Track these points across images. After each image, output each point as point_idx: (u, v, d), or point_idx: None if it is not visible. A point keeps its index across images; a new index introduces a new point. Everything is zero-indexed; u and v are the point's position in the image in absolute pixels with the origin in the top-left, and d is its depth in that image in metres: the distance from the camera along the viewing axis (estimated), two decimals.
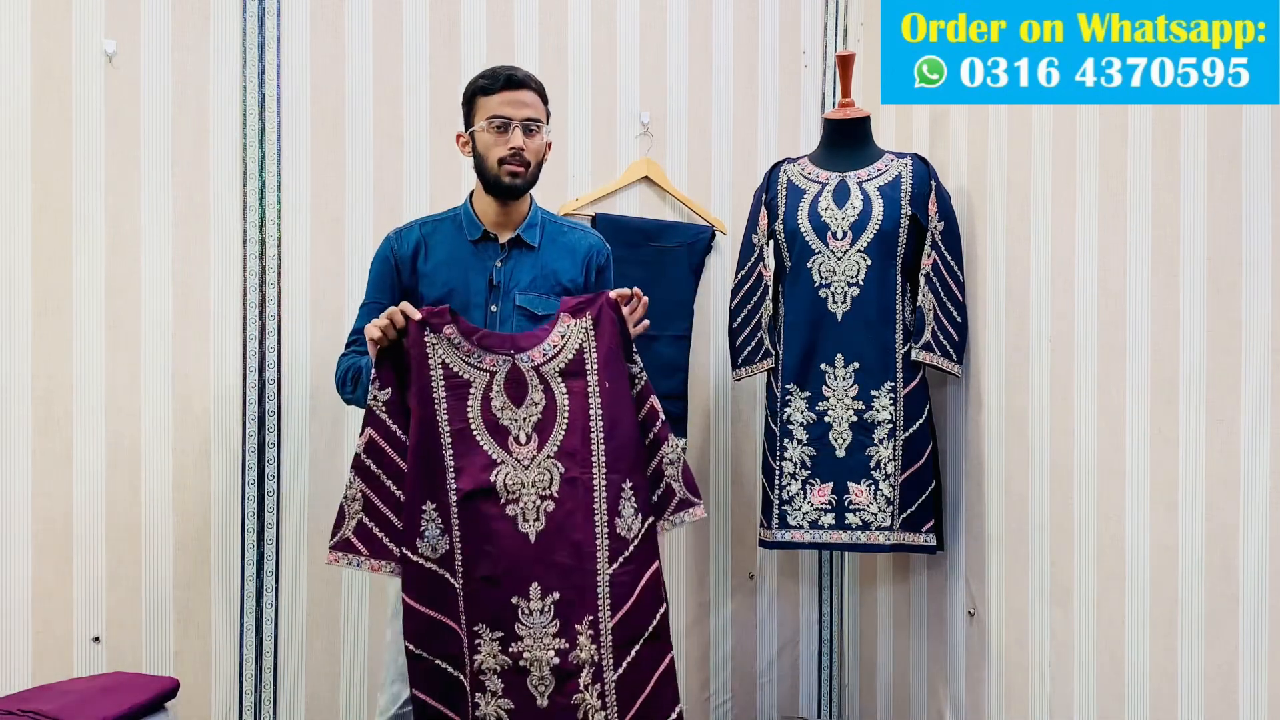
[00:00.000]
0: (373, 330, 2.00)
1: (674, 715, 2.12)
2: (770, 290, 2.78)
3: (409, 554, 2.02)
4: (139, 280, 2.55)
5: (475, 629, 2.02)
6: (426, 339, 2.02)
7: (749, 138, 3.11)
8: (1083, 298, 2.33)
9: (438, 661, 2.03)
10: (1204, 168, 2.06)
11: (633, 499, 2.09)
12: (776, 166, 2.82)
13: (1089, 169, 2.32)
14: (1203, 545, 2.06)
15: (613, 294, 2.11)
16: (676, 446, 2.15)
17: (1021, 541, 2.52)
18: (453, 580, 2.02)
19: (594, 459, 2.07)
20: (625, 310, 2.10)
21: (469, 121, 2.19)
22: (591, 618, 2.05)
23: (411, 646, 2.03)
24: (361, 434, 2.01)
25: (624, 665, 2.07)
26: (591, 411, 2.07)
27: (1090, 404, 2.31)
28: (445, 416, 2.02)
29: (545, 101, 2.20)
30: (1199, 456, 2.07)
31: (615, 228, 2.88)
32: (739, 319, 2.81)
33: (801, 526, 2.70)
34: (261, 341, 2.63)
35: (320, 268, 2.68)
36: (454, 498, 2.02)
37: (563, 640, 2.03)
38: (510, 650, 2.03)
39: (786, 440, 2.71)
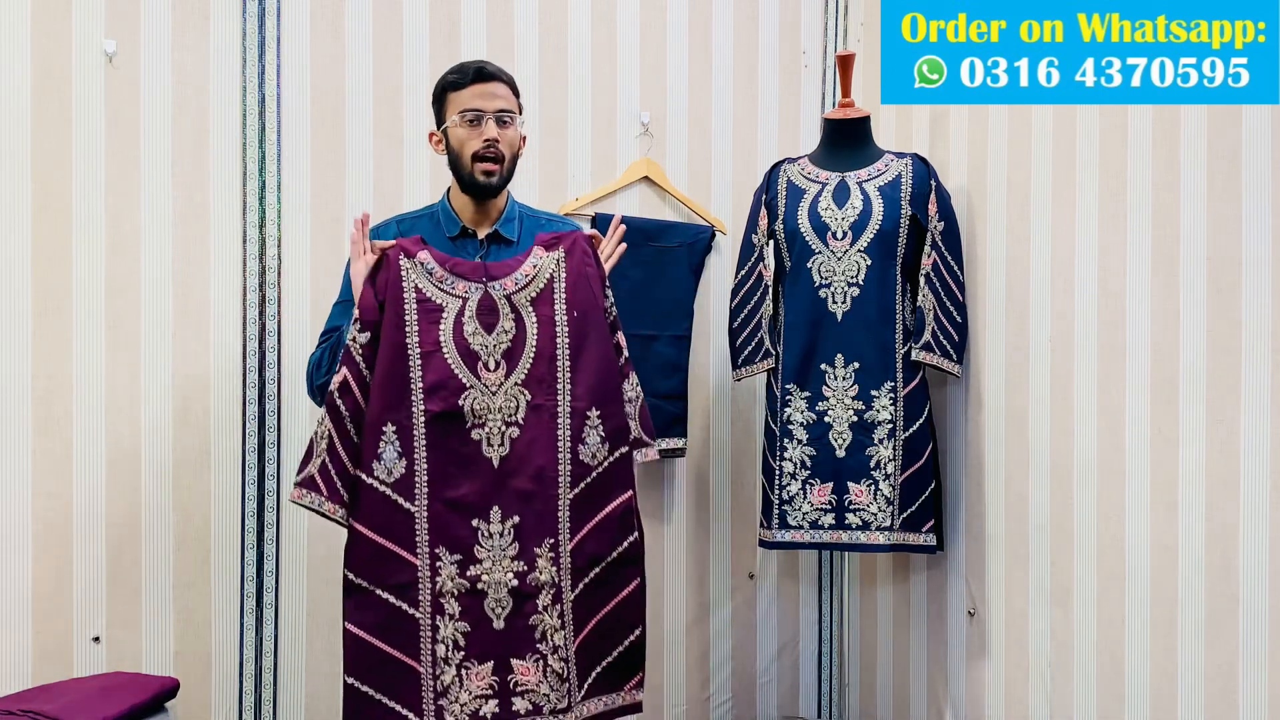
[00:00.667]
0: (360, 262, 2.02)
1: (634, 635, 2.15)
2: (770, 290, 2.78)
3: (363, 477, 2.03)
4: (139, 280, 2.55)
5: (436, 551, 2.04)
6: (401, 264, 2.05)
7: (749, 138, 3.11)
8: (1083, 298, 2.33)
9: (379, 592, 2.04)
10: (1204, 168, 2.06)
11: (600, 427, 2.12)
12: (776, 166, 2.82)
13: (1089, 169, 2.32)
14: (1203, 545, 2.06)
15: (588, 232, 2.15)
16: (635, 385, 2.18)
17: (1021, 541, 2.52)
18: (408, 505, 2.03)
19: (559, 386, 2.09)
20: (601, 244, 2.15)
21: (440, 119, 2.18)
22: (551, 540, 2.08)
23: (351, 575, 2.05)
24: (336, 373, 2.02)
25: (581, 586, 2.11)
26: (558, 340, 2.09)
27: (1090, 404, 2.31)
28: (416, 339, 2.04)
29: (517, 94, 2.19)
30: (1199, 456, 2.07)
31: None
32: (739, 319, 2.81)
33: (801, 526, 2.70)
34: (261, 341, 2.63)
35: (320, 268, 2.68)
36: (420, 419, 2.04)
37: (521, 563, 2.06)
38: (468, 574, 2.05)
39: (786, 440, 2.71)
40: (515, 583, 2.06)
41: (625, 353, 2.17)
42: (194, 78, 2.59)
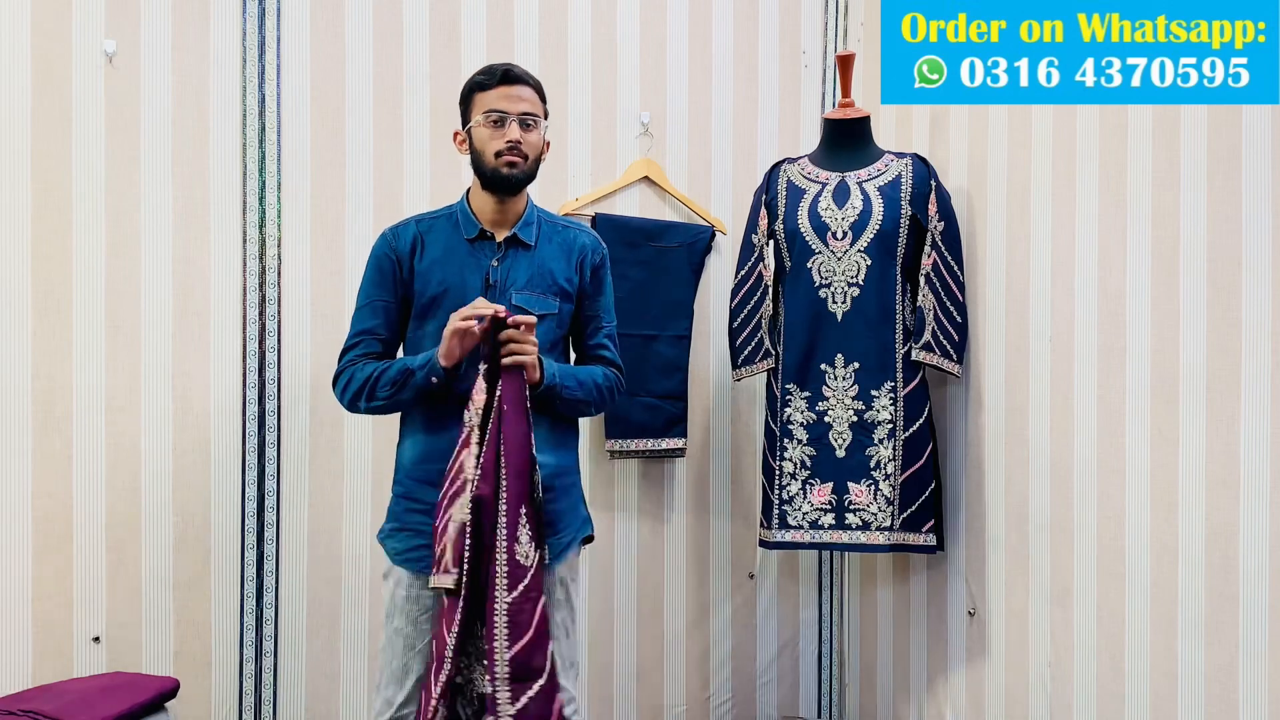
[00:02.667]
0: (463, 323, 1.97)
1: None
2: (770, 290, 2.78)
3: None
4: (139, 280, 2.55)
5: (453, 632, 2.01)
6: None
7: (749, 138, 3.11)
8: (1083, 298, 2.33)
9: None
10: (1204, 168, 2.06)
11: (528, 527, 2.03)
12: (776, 166, 2.82)
13: (1089, 169, 2.32)
14: (1203, 545, 2.06)
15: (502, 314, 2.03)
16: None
17: (1021, 541, 2.52)
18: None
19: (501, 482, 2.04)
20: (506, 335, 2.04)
21: (466, 119, 2.17)
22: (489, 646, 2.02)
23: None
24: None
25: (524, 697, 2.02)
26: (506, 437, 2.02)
27: (1090, 404, 2.31)
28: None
29: (543, 100, 2.18)
30: (1199, 456, 2.07)
31: (615, 228, 2.88)
32: (739, 319, 2.81)
33: (801, 526, 2.70)
34: (261, 341, 2.63)
35: (320, 268, 2.68)
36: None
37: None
38: (459, 663, 2.00)
39: (786, 440, 2.71)
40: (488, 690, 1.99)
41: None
42: (194, 78, 2.59)
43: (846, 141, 2.74)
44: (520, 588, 1.98)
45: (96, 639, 2.52)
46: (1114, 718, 2.26)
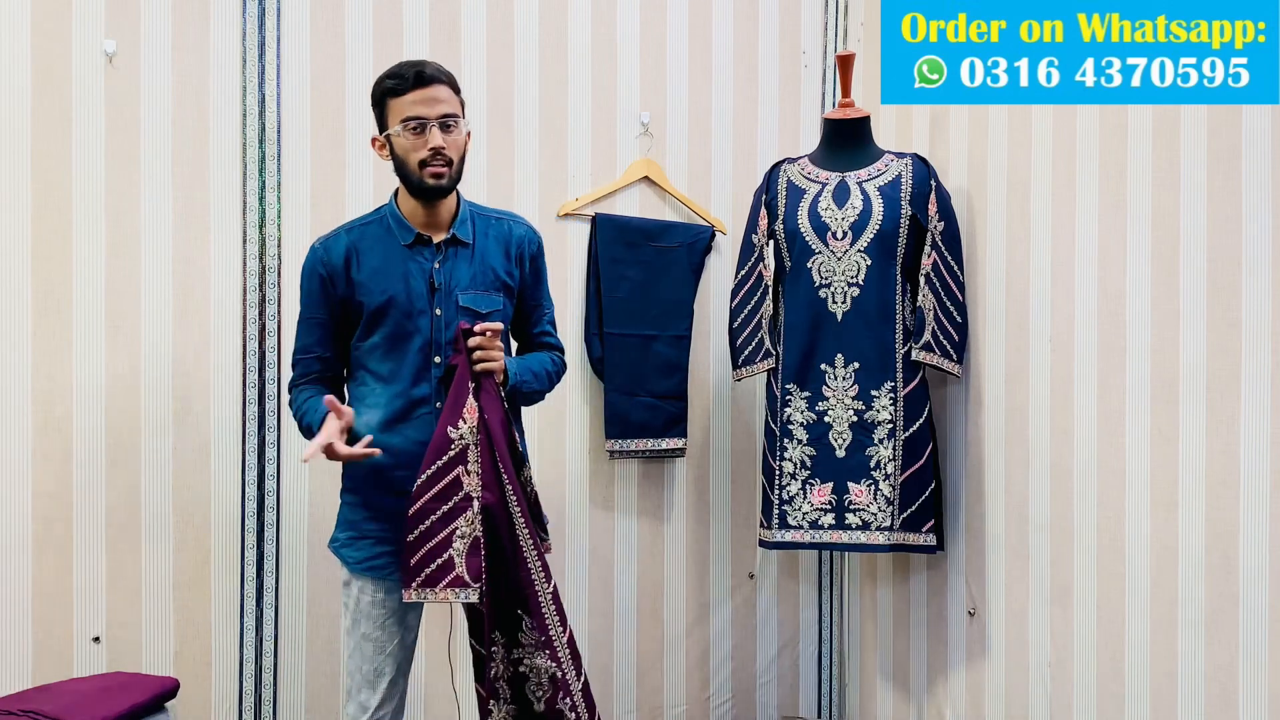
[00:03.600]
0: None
1: None
2: (770, 290, 2.78)
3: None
4: (139, 280, 2.55)
5: (494, 634, 2.08)
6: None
7: (749, 138, 3.11)
8: (1083, 298, 2.33)
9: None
10: (1204, 168, 2.06)
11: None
12: (776, 166, 2.82)
13: (1089, 169, 2.32)
14: (1203, 545, 2.06)
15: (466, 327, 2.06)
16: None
17: (1021, 541, 2.52)
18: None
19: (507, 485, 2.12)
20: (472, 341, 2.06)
21: (382, 124, 2.10)
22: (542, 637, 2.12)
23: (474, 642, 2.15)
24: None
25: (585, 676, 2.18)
26: (496, 448, 2.08)
27: (1090, 404, 2.31)
28: None
29: (458, 92, 2.11)
30: (1199, 456, 2.07)
31: (615, 228, 2.88)
32: (739, 319, 2.81)
33: (801, 526, 2.69)
34: (261, 341, 2.63)
35: None
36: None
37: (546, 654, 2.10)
38: (512, 656, 2.10)
39: (786, 440, 2.71)
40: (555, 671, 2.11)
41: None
42: (194, 78, 2.59)
43: (846, 141, 2.74)
44: (551, 578, 2.11)
45: (96, 639, 2.52)
46: (1114, 718, 2.26)
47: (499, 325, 2.05)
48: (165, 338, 2.56)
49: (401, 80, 2.05)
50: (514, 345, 2.30)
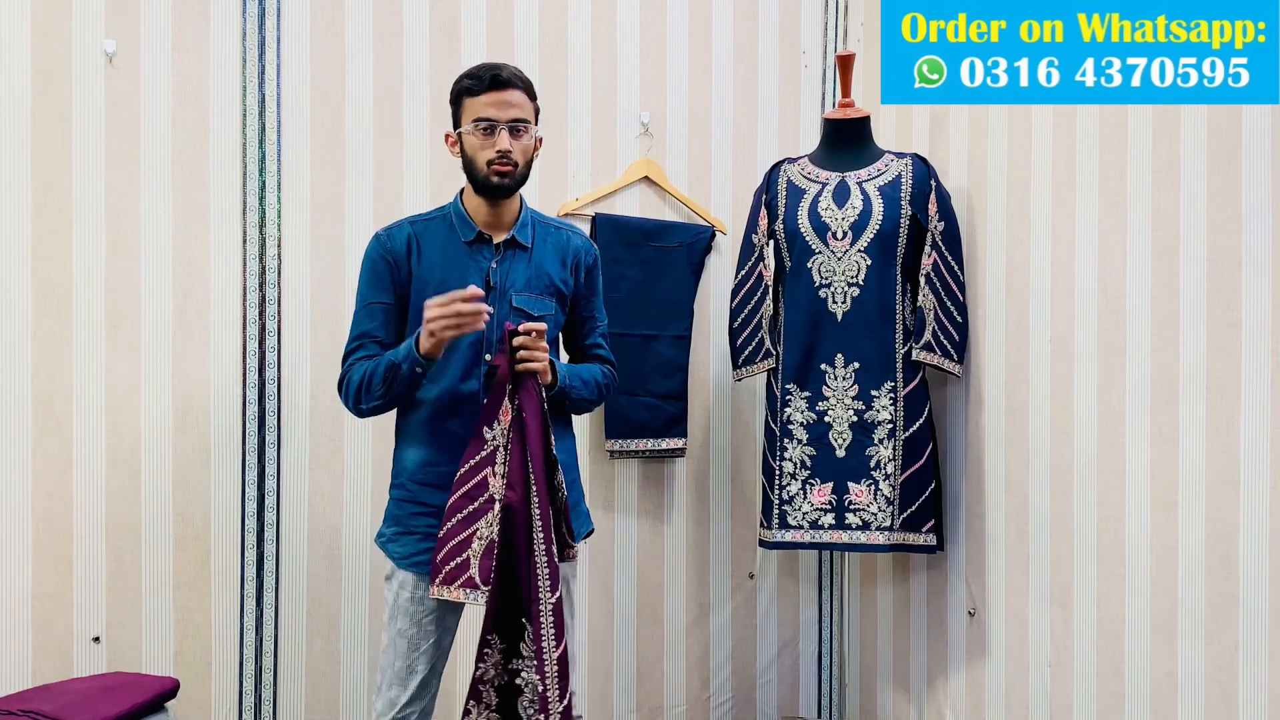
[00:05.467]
0: (452, 328, 1.97)
1: None
2: (770, 290, 2.78)
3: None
4: (139, 280, 2.55)
5: (489, 637, 2.04)
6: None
7: (749, 138, 3.11)
8: (1083, 297, 2.33)
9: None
10: (1204, 168, 2.06)
11: (554, 529, 2.12)
12: (776, 166, 2.82)
13: (1089, 169, 2.32)
14: (1203, 545, 2.06)
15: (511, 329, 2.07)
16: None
17: (1021, 541, 2.52)
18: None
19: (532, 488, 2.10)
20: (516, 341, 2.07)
21: (456, 121, 2.16)
22: (534, 646, 2.07)
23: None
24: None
25: (569, 698, 2.12)
26: (529, 449, 2.07)
27: (1090, 404, 2.31)
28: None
29: (533, 98, 2.15)
30: (1199, 456, 2.07)
31: (615, 228, 2.88)
32: (739, 319, 2.81)
33: (801, 526, 2.69)
34: (261, 341, 2.63)
35: (320, 267, 2.68)
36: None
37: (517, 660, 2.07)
38: (510, 666, 2.05)
39: (786, 440, 2.71)
40: (540, 687, 2.06)
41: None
42: (194, 78, 2.59)
43: (846, 141, 2.74)
44: (560, 588, 2.06)
45: (96, 639, 2.52)
46: (1114, 718, 2.26)
47: (543, 325, 2.06)
48: (165, 338, 2.56)
49: (478, 81, 2.10)
50: (564, 356, 2.31)
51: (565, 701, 2.06)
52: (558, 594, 2.06)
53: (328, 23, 2.70)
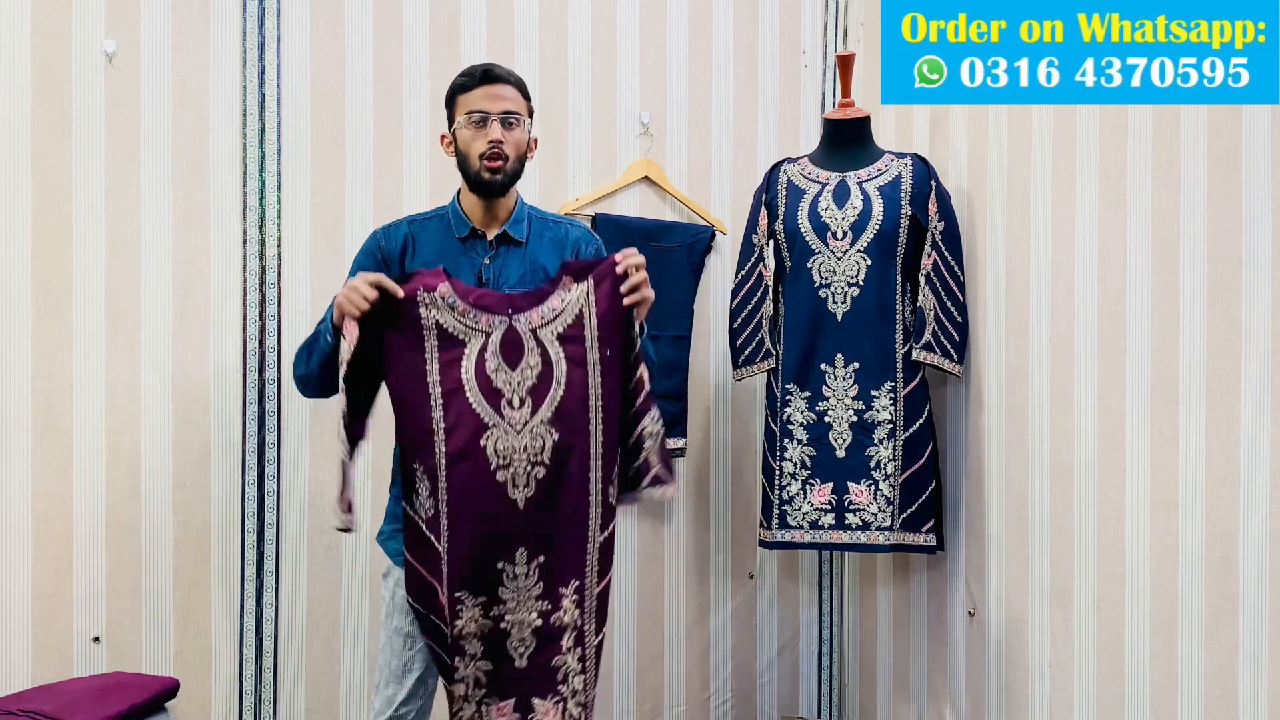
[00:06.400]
0: (353, 308, 1.94)
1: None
2: (770, 290, 2.78)
3: (408, 509, 2.02)
4: (139, 280, 2.55)
5: (457, 595, 1.99)
6: (420, 298, 1.98)
7: (749, 138, 3.11)
8: (1083, 298, 2.33)
9: (431, 616, 2.03)
10: (1204, 168, 2.06)
11: (614, 468, 2.08)
12: (776, 166, 2.82)
13: (1089, 169, 2.32)
14: (1203, 545, 2.06)
15: (619, 261, 2.06)
16: (658, 420, 2.09)
17: (1021, 541, 2.52)
18: (437, 544, 1.99)
19: (591, 426, 2.03)
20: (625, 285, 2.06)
21: (450, 121, 2.18)
22: (578, 583, 2.03)
23: (411, 600, 2.04)
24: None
25: (603, 631, 2.10)
26: (590, 379, 2.02)
27: (1090, 404, 2.31)
28: (437, 377, 1.99)
29: (527, 98, 2.17)
30: (1199, 456, 2.07)
31: (615, 228, 2.88)
32: (739, 319, 2.81)
33: (801, 527, 2.69)
34: (261, 341, 2.63)
35: (320, 268, 2.68)
36: (443, 461, 1.99)
37: (546, 602, 2.01)
38: (492, 614, 2.00)
39: (786, 440, 2.71)
40: (539, 622, 2.01)
41: (647, 386, 2.08)
42: (194, 78, 2.59)
43: (846, 141, 2.74)
44: (610, 527, 2.07)
45: (96, 639, 2.52)
46: (1114, 718, 2.26)
47: (643, 259, 2.06)
48: (165, 338, 2.56)
49: (470, 77, 2.13)
50: None
51: (599, 637, 2.06)
52: (608, 532, 2.05)
53: (328, 23, 2.70)
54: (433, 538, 2.00)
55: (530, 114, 2.17)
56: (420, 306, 1.99)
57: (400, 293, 1.98)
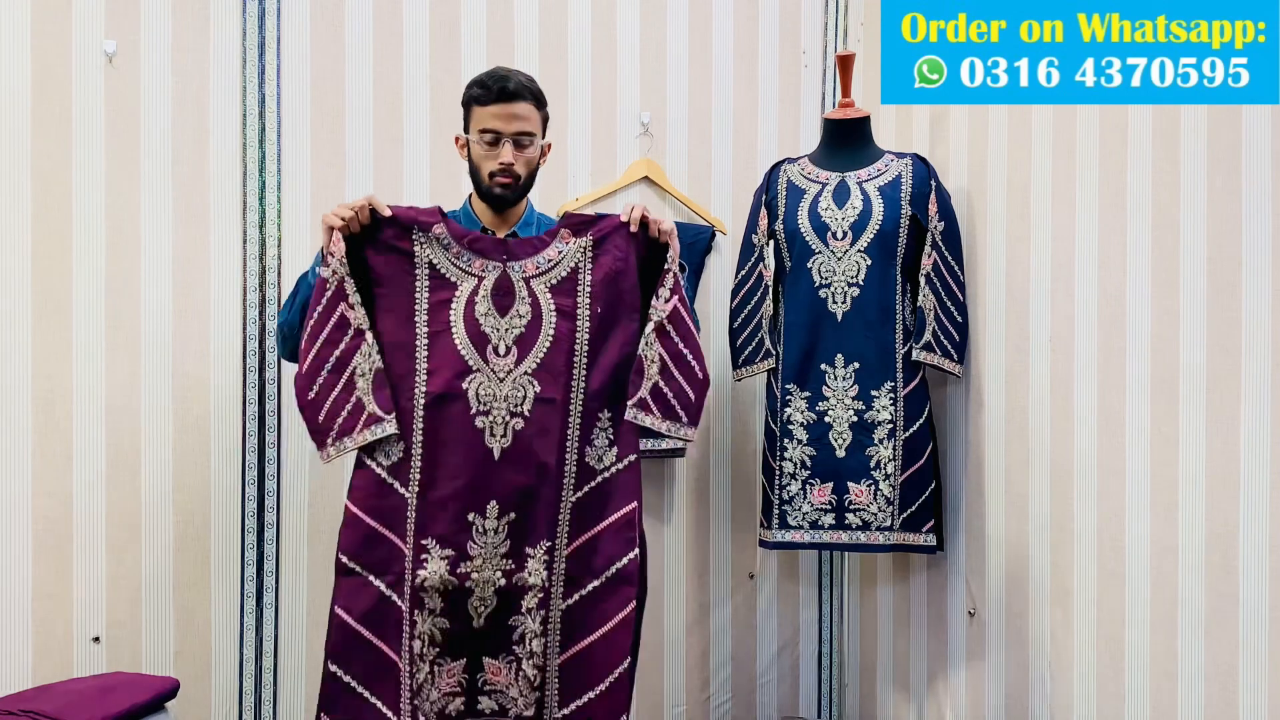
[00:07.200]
0: (334, 218, 1.95)
1: (624, 666, 2.05)
2: (770, 290, 2.78)
3: (364, 455, 1.98)
4: (139, 280, 2.55)
5: (424, 543, 1.97)
6: (414, 236, 1.99)
7: (749, 138, 3.11)
8: (1083, 298, 2.33)
9: (370, 578, 1.98)
10: (1204, 168, 2.06)
11: (609, 430, 2.06)
12: (776, 167, 2.82)
13: (1089, 169, 2.32)
14: (1203, 545, 2.06)
15: (628, 219, 2.06)
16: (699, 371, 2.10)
17: (1021, 541, 2.52)
18: (403, 490, 1.97)
19: (574, 382, 2.02)
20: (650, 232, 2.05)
21: (466, 127, 2.19)
22: (548, 544, 2.01)
23: (344, 558, 1.99)
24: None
25: (576, 597, 2.04)
26: (578, 333, 2.03)
27: (1090, 404, 2.31)
28: (425, 317, 1.98)
29: (542, 106, 2.17)
30: (1199, 456, 2.07)
31: None
32: (739, 319, 2.81)
33: (801, 527, 2.69)
34: (261, 342, 2.63)
35: None
36: (421, 401, 1.97)
37: (510, 562, 1.99)
38: (458, 571, 1.98)
39: (786, 440, 2.71)
40: (503, 582, 1.99)
41: (680, 335, 2.09)
42: (194, 78, 2.59)
43: (846, 141, 2.74)
44: (583, 489, 2.07)
45: (96, 639, 2.52)
46: (1114, 718, 2.26)
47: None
48: (165, 338, 2.56)
49: (485, 91, 2.12)
50: None
51: (570, 600, 2.02)
52: (581, 493, 2.03)
53: (328, 23, 2.70)
54: (396, 484, 1.97)
55: (545, 122, 2.18)
56: (415, 244, 1.98)
57: (387, 211, 1.97)
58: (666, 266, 2.07)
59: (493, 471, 1.98)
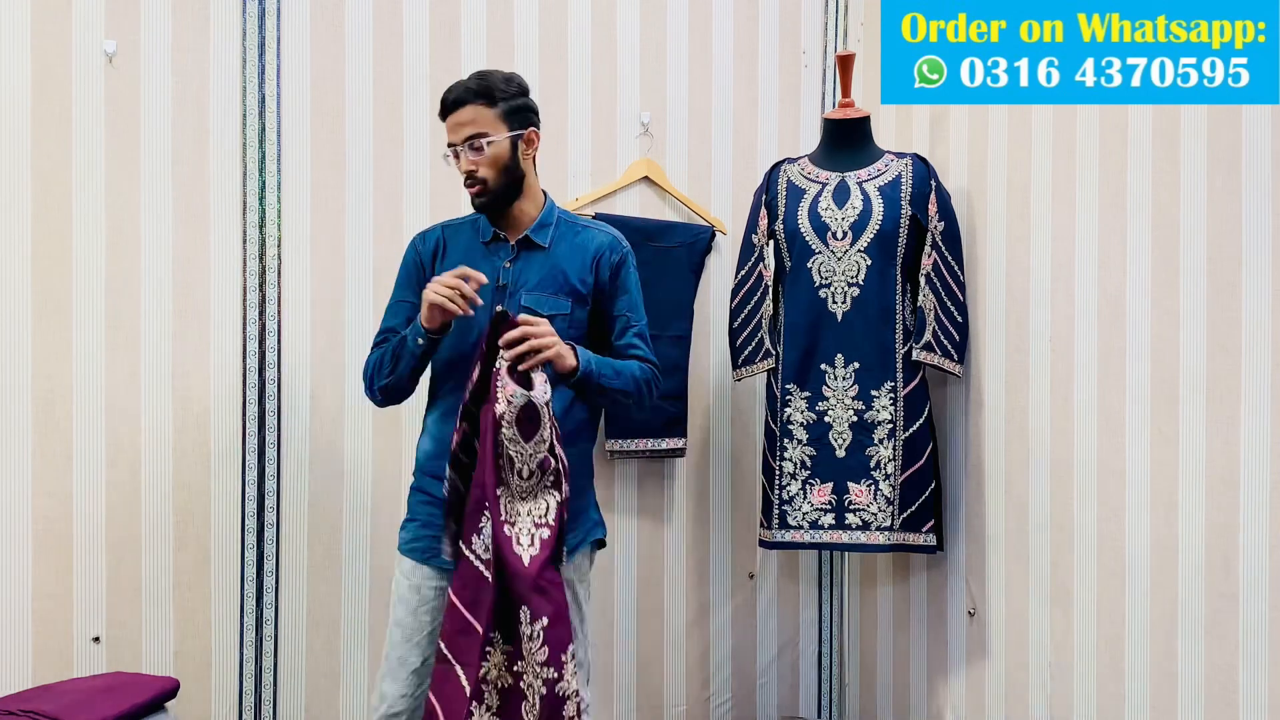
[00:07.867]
0: (440, 297, 1.98)
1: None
2: (770, 290, 2.78)
3: (464, 548, 2.00)
4: (139, 280, 2.55)
5: (491, 635, 1.99)
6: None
7: (749, 138, 3.11)
8: (1083, 298, 2.33)
9: (456, 667, 1.99)
10: (1204, 168, 2.06)
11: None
12: (776, 166, 2.82)
13: (1089, 169, 2.32)
14: (1203, 545, 2.06)
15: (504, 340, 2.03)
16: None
17: (1021, 541, 2.52)
18: (490, 581, 1.99)
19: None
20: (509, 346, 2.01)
21: None
22: (574, 648, 2.04)
23: (443, 646, 2.01)
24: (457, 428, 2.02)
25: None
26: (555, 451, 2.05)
27: (1090, 404, 2.31)
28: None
29: (495, 101, 2.09)
30: (1199, 456, 2.07)
31: (615, 228, 2.88)
32: (739, 319, 2.81)
33: (801, 527, 2.70)
34: (261, 341, 2.63)
35: (320, 268, 2.68)
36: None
37: (552, 670, 1.99)
38: (514, 669, 1.99)
39: (786, 440, 2.71)
40: (545, 691, 1.99)
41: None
42: (194, 78, 2.59)
43: (846, 141, 2.74)
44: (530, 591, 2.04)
45: (96, 639, 2.52)
46: (1114, 718, 2.26)
47: (539, 319, 2.04)
48: (165, 337, 2.56)
49: (442, 107, 2.13)
50: None
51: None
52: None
53: (328, 23, 2.69)
54: (489, 575, 1.99)
55: (511, 114, 2.10)
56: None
57: (485, 279, 2.04)
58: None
59: (527, 578, 2.02)
